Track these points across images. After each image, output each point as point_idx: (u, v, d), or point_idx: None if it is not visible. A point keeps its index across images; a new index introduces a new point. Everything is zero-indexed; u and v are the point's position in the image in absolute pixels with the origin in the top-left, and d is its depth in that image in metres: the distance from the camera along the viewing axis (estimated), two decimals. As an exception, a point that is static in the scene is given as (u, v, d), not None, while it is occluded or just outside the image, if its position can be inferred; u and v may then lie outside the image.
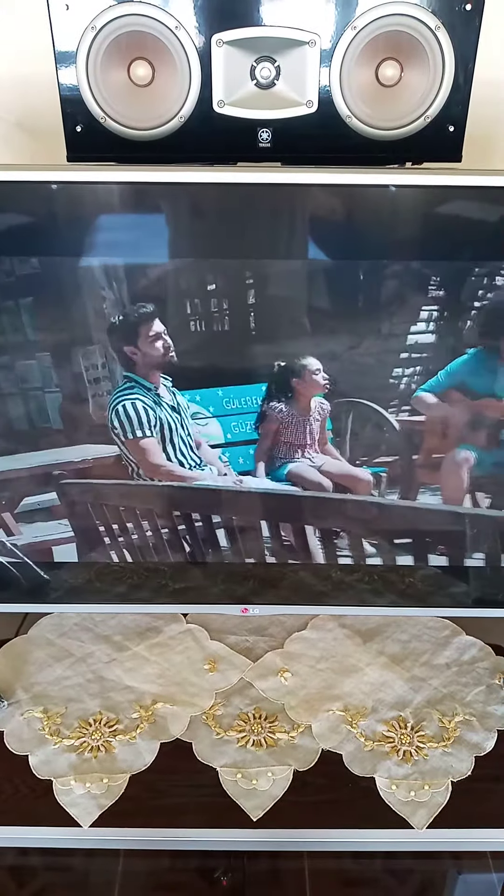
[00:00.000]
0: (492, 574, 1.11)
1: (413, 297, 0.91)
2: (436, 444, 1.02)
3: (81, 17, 0.83)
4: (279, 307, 0.93)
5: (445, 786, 1.05)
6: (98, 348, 0.95)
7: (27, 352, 0.95)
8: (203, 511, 1.08)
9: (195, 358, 0.96)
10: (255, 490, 1.06)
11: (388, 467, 1.04)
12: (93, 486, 1.05)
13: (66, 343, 0.95)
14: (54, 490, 1.05)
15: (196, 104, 0.86)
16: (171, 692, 1.19)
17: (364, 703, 1.17)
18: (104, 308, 0.92)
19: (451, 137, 0.88)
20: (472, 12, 0.82)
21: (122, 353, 0.95)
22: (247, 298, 0.92)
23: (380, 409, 0.99)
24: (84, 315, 0.93)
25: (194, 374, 0.98)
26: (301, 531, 1.09)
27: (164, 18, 0.83)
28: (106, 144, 0.88)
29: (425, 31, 0.83)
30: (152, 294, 0.92)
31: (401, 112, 0.87)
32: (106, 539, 1.09)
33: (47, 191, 0.85)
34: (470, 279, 0.90)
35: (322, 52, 0.84)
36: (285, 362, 0.96)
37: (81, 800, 1.03)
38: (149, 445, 1.02)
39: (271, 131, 0.88)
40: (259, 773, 1.06)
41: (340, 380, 0.97)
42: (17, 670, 1.23)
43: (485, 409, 0.98)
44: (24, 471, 1.03)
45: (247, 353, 0.96)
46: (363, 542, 1.10)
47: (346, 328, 0.94)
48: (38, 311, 0.92)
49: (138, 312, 0.93)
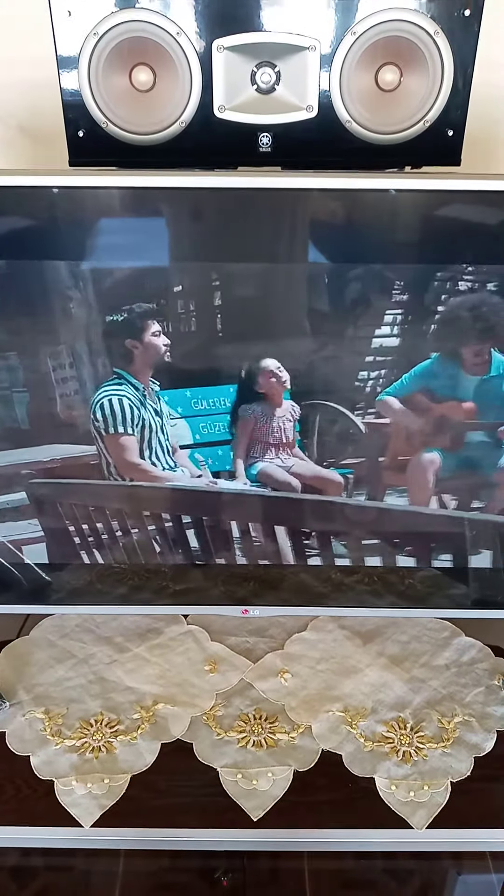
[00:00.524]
0: (491, 575, 1.11)
1: (378, 301, 0.92)
2: (402, 447, 1.02)
3: (84, 23, 0.83)
4: (252, 309, 0.95)
5: (445, 786, 1.06)
6: (65, 348, 0.96)
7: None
8: (174, 511, 1.09)
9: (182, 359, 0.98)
10: (228, 491, 1.07)
11: (355, 469, 1.05)
12: (63, 485, 1.06)
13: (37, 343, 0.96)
14: (24, 490, 1.06)
15: (197, 109, 0.87)
16: (171, 693, 1.19)
17: (364, 703, 1.18)
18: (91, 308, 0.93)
19: (450, 142, 0.89)
20: (470, 18, 0.83)
21: (123, 346, 0.96)
22: (213, 300, 0.93)
23: (346, 412, 1.00)
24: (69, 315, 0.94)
25: (175, 375, 1.00)
26: (271, 531, 1.10)
27: (165, 24, 0.83)
28: (108, 149, 0.88)
29: (424, 37, 0.83)
30: (153, 294, 0.93)
31: (400, 117, 0.87)
32: (76, 539, 1.10)
33: (49, 195, 0.85)
34: (432, 284, 0.91)
35: (322, 58, 0.85)
36: (253, 363, 0.97)
37: (83, 800, 1.04)
38: (128, 443, 1.03)
39: (272, 136, 0.88)
40: (259, 774, 1.07)
41: (306, 381, 0.98)
42: (18, 671, 1.24)
43: (449, 412, 0.99)
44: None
45: (217, 354, 0.97)
46: (332, 541, 1.10)
47: (314, 330, 0.95)
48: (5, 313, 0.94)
49: (142, 309, 0.93)
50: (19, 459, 1.04)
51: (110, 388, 0.99)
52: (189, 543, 1.11)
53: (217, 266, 0.91)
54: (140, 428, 1.02)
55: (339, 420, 1.00)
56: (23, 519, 1.09)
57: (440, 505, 1.07)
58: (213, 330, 0.95)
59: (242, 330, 0.96)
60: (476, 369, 0.96)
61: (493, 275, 0.90)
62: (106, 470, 1.04)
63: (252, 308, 0.95)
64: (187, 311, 0.94)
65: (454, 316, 0.93)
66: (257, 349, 0.96)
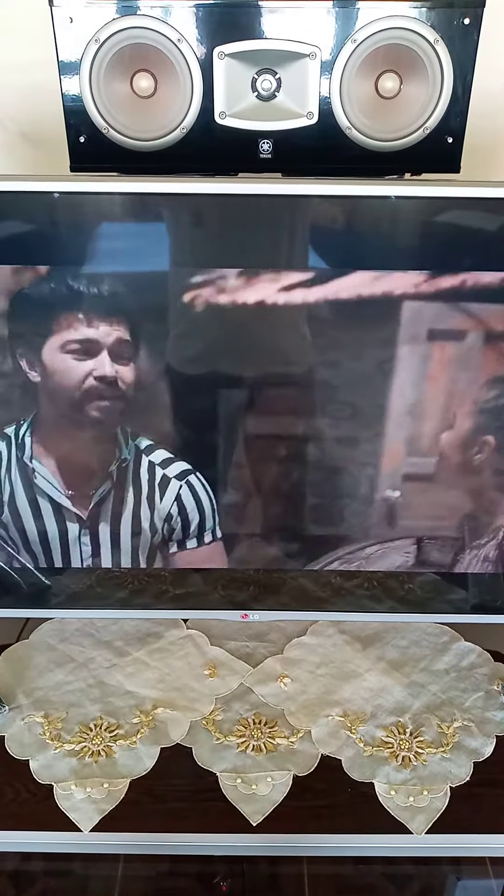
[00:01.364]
0: (490, 580, 1.11)
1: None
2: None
3: (85, 29, 0.84)
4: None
5: (444, 791, 1.06)
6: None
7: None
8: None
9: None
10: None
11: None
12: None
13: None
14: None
15: (198, 115, 0.87)
16: (171, 697, 1.19)
17: (363, 708, 1.18)
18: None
19: (450, 149, 0.89)
20: (470, 26, 0.83)
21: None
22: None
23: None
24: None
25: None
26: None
27: (166, 31, 0.84)
28: (108, 155, 0.89)
29: (424, 45, 0.84)
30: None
31: (400, 124, 0.88)
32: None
33: (50, 200, 0.86)
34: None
35: (322, 65, 0.85)
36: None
37: (82, 804, 1.04)
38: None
39: (272, 142, 0.89)
40: (259, 779, 1.07)
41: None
42: (18, 675, 1.24)
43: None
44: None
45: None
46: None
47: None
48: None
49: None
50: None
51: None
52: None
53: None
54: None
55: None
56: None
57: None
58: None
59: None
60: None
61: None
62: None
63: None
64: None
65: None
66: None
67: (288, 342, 0.96)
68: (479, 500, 1.05)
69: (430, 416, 0.98)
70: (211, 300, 0.90)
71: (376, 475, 1.03)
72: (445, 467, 1.02)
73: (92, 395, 0.97)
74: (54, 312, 0.92)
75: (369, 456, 1.02)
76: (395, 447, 1.01)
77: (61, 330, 0.93)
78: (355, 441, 1.01)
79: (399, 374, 0.96)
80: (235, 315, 0.92)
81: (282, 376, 0.98)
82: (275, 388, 0.99)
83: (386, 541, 1.08)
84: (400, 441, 1.00)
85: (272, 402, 1.00)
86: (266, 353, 0.97)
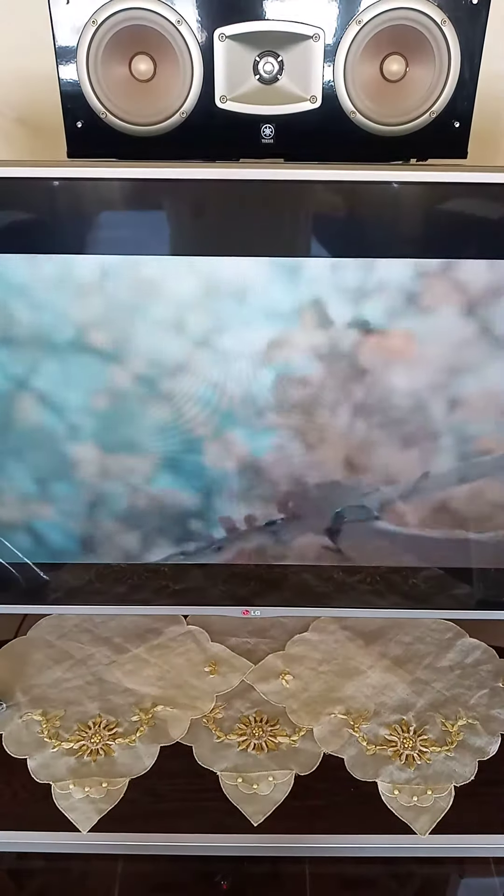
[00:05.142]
0: (496, 575, 1.10)
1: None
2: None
3: (82, 11, 0.82)
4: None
5: (448, 791, 1.04)
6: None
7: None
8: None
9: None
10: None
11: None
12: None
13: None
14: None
15: (198, 99, 0.85)
16: (171, 695, 1.18)
17: (366, 706, 1.16)
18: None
19: (457, 133, 0.87)
20: (478, 6, 0.81)
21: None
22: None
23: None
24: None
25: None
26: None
27: (165, 12, 0.81)
28: (107, 140, 0.87)
29: (431, 26, 0.81)
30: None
31: (406, 108, 0.85)
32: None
33: (47, 187, 0.84)
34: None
35: (326, 47, 0.83)
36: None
37: (80, 804, 1.02)
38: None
39: (274, 127, 0.86)
40: (260, 778, 1.05)
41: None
42: (15, 672, 1.22)
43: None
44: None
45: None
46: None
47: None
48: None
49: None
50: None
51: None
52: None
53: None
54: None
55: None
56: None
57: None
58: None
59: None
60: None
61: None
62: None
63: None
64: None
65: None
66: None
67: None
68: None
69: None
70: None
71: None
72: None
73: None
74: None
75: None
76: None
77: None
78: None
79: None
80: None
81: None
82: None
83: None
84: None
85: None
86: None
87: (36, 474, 1.02)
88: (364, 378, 0.94)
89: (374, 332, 0.91)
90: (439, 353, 0.92)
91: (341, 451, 1.00)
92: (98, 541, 1.07)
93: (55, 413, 0.97)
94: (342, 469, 1.01)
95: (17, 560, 1.08)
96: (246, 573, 1.11)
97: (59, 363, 0.93)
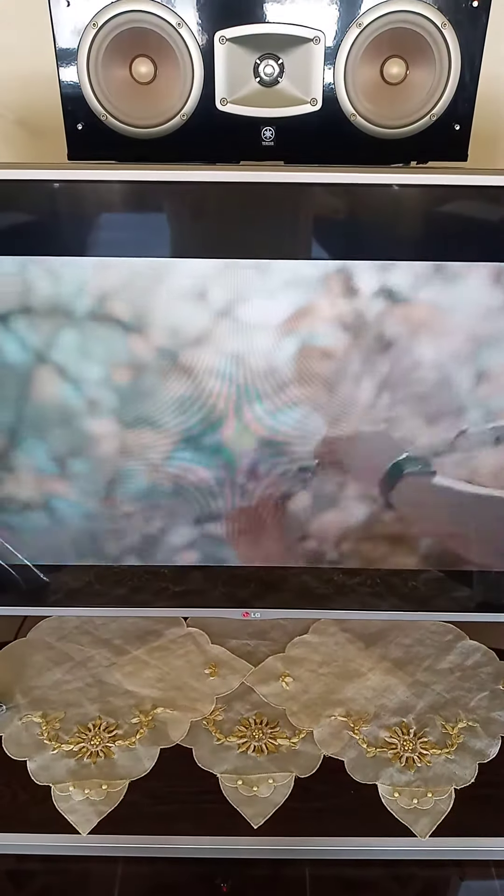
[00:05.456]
0: (496, 577, 1.10)
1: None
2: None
3: (83, 13, 0.82)
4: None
5: (448, 793, 1.04)
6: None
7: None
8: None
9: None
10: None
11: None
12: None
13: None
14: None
15: (198, 102, 0.85)
16: (171, 697, 1.18)
17: (366, 708, 1.16)
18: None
19: (457, 136, 0.87)
20: (478, 9, 0.81)
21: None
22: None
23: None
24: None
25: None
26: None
27: (166, 15, 0.82)
28: (107, 143, 0.87)
29: (431, 29, 0.82)
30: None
31: (406, 110, 0.86)
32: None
33: (48, 189, 0.84)
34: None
35: (326, 50, 0.83)
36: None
37: (80, 806, 1.02)
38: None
39: (274, 130, 0.87)
40: (260, 780, 1.05)
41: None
42: (15, 674, 1.22)
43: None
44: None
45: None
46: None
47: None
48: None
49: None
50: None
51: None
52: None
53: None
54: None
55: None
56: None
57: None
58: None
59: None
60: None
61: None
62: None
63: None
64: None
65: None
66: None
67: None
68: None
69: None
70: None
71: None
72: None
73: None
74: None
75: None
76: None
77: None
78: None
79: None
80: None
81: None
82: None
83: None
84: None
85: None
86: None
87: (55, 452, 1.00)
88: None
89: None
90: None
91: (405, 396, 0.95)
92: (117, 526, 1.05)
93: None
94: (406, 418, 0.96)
95: (18, 562, 1.08)
96: (246, 575, 1.11)
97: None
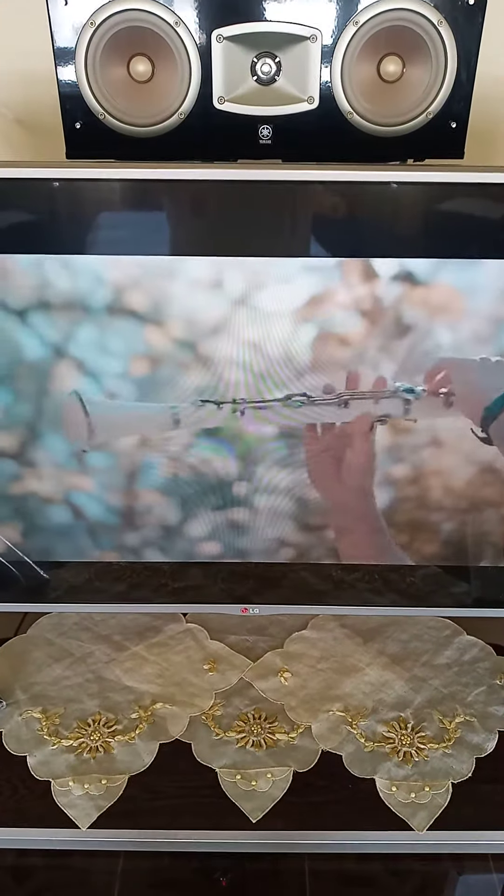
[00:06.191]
0: (493, 573, 1.10)
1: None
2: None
3: (80, 12, 0.82)
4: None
5: (446, 787, 1.05)
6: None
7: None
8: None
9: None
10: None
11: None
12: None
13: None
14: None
15: (196, 100, 0.85)
16: (170, 692, 1.18)
17: (364, 703, 1.17)
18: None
19: (454, 134, 0.87)
20: (474, 7, 0.81)
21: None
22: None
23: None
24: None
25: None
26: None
27: (163, 14, 0.82)
28: (105, 141, 0.87)
29: (428, 27, 0.82)
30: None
31: (403, 108, 0.86)
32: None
33: (46, 188, 0.84)
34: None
35: (323, 48, 0.83)
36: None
37: (80, 801, 1.03)
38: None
39: (272, 128, 0.87)
40: (258, 775, 1.06)
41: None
42: (15, 670, 1.23)
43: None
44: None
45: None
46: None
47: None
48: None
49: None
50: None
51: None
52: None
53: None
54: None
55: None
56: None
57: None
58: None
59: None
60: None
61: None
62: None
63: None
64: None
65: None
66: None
67: None
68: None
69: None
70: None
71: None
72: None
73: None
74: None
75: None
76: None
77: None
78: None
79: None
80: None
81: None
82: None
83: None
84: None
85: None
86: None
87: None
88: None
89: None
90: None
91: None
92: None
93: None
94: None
95: (18, 558, 1.09)
96: (245, 571, 1.11)
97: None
